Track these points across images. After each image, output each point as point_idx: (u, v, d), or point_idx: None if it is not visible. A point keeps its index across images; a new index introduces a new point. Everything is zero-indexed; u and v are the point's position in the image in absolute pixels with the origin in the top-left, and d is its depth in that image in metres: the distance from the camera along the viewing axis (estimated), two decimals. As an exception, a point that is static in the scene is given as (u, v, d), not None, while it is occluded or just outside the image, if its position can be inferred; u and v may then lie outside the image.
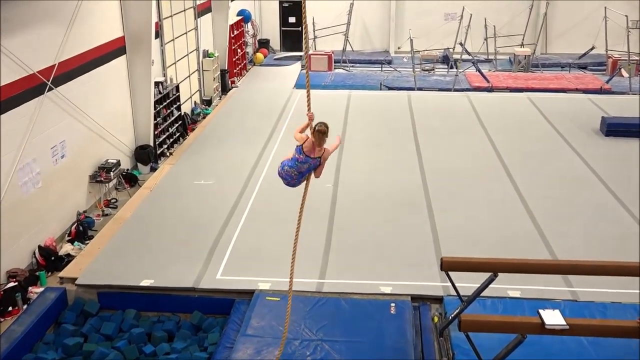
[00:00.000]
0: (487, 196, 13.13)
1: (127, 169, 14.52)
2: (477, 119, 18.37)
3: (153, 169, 15.05)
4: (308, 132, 6.78)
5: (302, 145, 6.68)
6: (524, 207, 12.58)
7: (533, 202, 12.78)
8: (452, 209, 12.48)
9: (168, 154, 16.08)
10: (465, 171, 14.42)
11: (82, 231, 11.81)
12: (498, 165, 14.78)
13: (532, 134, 17.00)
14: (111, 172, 13.15)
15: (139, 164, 15.05)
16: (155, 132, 15.52)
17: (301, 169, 6.73)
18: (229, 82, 22.30)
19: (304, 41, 6.49)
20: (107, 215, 12.78)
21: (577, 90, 21.28)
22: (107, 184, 13.33)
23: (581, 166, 14.77)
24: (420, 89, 21.64)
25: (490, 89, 21.43)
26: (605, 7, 23.98)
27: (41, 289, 9.93)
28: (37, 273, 10.42)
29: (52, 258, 10.84)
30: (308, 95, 6.77)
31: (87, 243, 11.46)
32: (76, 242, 11.53)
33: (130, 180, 14.26)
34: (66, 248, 11.30)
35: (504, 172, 14.36)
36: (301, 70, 24.43)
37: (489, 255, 9.36)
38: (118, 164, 13.55)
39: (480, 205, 12.70)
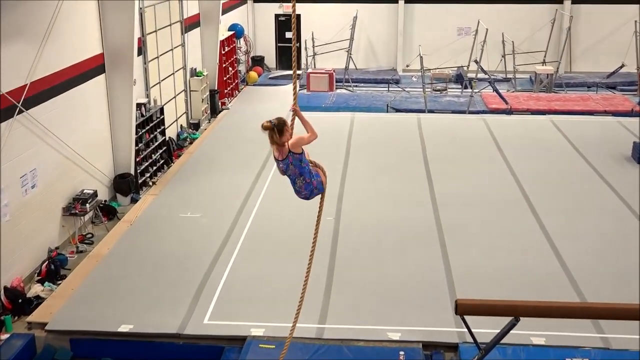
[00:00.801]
0: (507, 230, 13.12)
1: (105, 201, 14.53)
2: (494, 144, 18.44)
3: (134, 200, 15.06)
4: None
5: (274, 157, 6.70)
6: (548, 242, 12.56)
7: (558, 236, 12.76)
8: (468, 244, 12.46)
9: (151, 183, 16.10)
10: (482, 202, 14.43)
11: (53, 270, 11.75)
12: (518, 196, 14.79)
13: (556, 161, 17.04)
14: (87, 204, 13.15)
15: (118, 195, 15.06)
16: (137, 159, 15.56)
17: (294, 172, 6.66)
18: (219, 103, 22.43)
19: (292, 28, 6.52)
20: (81, 252, 12.74)
21: (605, 113, 21.40)
22: (82, 217, 13.32)
23: (611, 197, 14.78)
24: (431, 111, 21.77)
25: (509, 112, 21.55)
26: (635, 21, 24.31)
27: (6, 336, 9.85)
28: (2, 317, 10.35)
29: (20, 300, 10.77)
30: (295, 87, 6.71)
31: (59, 283, 11.39)
32: (47, 283, 11.46)
33: (109, 212, 14.26)
34: (35, 289, 11.23)
35: (525, 204, 14.37)
36: (299, 89, 24.59)
37: (510, 296, 9.31)
38: (95, 194, 13.57)
39: (499, 240, 12.68)
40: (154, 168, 16.63)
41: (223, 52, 22.80)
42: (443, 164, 16.77)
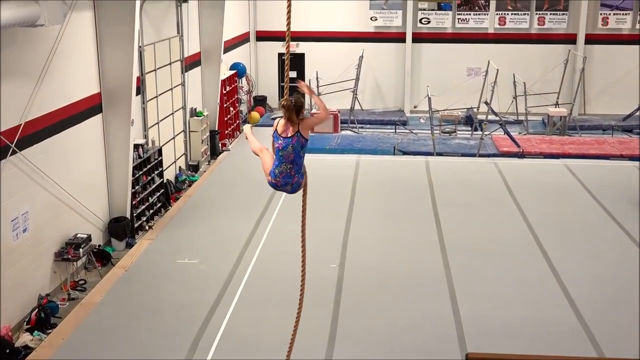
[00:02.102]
0: (519, 277, 13.08)
1: (99, 245, 14.53)
2: (506, 189, 18.47)
3: (129, 245, 15.05)
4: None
5: (275, 130, 6.72)
6: (562, 290, 12.51)
7: (573, 285, 12.71)
8: (479, 294, 12.40)
9: (147, 227, 16.12)
10: (493, 249, 14.40)
11: (43, 318, 11.69)
12: (532, 243, 14.77)
13: (571, 207, 17.06)
14: (80, 249, 13.14)
15: (112, 239, 15.06)
16: (133, 202, 15.61)
17: (289, 156, 6.65)
18: (220, 144, 22.57)
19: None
20: (73, 299, 12.70)
21: (621, 157, 21.47)
22: (75, 263, 13.29)
23: (628, 245, 14.75)
24: (440, 154, 21.87)
25: (521, 155, 21.63)
26: (651, 63, 24.56)
27: (-8, 388, 9.78)
28: (-12, 368, 10.29)
29: (7, 351, 10.70)
30: (287, 75, 6.82)
31: (50, 332, 11.33)
32: (36, 332, 11.40)
33: (102, 258, 14.24)
34: (24, 338, 11.17)
35: (539, 251, 14.34)
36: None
37: (523, 350, 9.25)
38: (88, 239, 13.57)
39: (511, 288, 12.63)
40: (151, 211, 16.66)
41: (224, 92, 23.02)
42: (452, 209, 16.79)
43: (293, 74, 28.68)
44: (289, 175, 6.70)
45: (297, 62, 27.67)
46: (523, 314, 11.68)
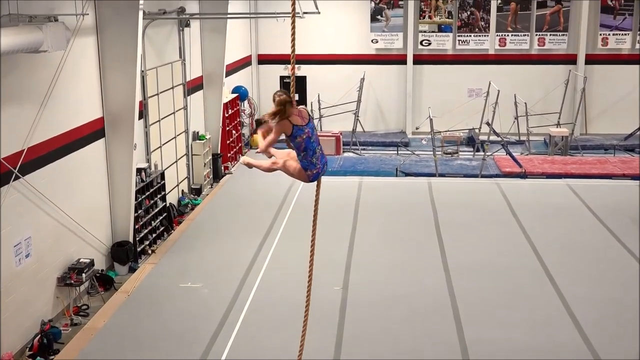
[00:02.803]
0: (525, 300, 12.99)
1: (102, 270, 14.47)
2: (509, 209, 18.41)
3: (132, 270, 15.00)
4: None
5: (294, 126, 6.53)
6: (568, 314, 12.40)
7: (579, 306, 12.62)
8: (483, 317, 12.31)
9: (150, 251, 16.06)
10: (497, 271, 14.32)
11: (46, 344, 11.61)
12: (536, 265, 14.69)
13: (575, 228, 16.99)
14: (83, 274, 13.08)
15: (115, 264, 15.01)
16: (136, 227, 15.57)
17: (317, 138, 6.65)
18: (222, 168, 22.57)
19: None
20: (76, 324, 12.62)
21: (624, 176, 21.43)
22: (77, 288, 13.23)
23: (633, 264, 14.66)
24: (442, 175, 21.85)
25: (523, 175, 21.60)
26: (652, 82, 24.61)
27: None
28: (-10, 395, 10.20)
29: (10, 377, 10.63)
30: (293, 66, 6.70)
31: (52, 359, 11.25)
32: (39, 358, 11.33)
33: (105, 282, 14.18)
34: (26, 365, 11.10)
35: (543, 272, 14.26)
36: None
37: (529, 373, 9.15)
38: (91, 264, 13.52)
39: (517, 311, 12.53)
40: (154, 235, 16.62)
41: (226, 115, 23.06)
42: (456, 231, 16.72)
43: (295, 97, 28.79)
44: (322, 155, 6.73)
45: (299, 85, 27.75)
46: (528, 337, 11.58)
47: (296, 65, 6.31)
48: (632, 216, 17.54)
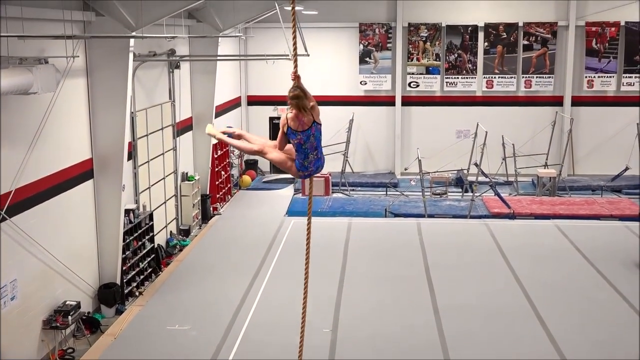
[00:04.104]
0: (514, 342, 12.93)
1: (88, 312, 14.33)
2: (498, 250, 18.42)
3: (119, 312, 14.85)
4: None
5: (288, 127, 6.40)
6: (558, 355, 12.36)
7: (569, 349, 12.56)
8: (473, 357, 12.23)
9: (137, 293, 15.93)
10: (487, 312, 14.27)
11: (30, 388, 11.45)
12: (525, 305, 14.65)
13: (563, 268, 16.99)
14: (69, 316, 12.94)
15: (102, 306, 14.86)
16: (124, 268, 15.46)
17: (312, 145, 6.45)
18: (211, 208, 22.53)
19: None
20: (61, 368, 12.46)
21: (612, 217, 21.54)
22: (63, 331, 13.07)
23: (622, 305, 14.65)
24: (431, 215, 21.88)
25: (512, 216, 21.67)
26: (637, 124, 24.86)
27: None
28: None
29: (-8, 422, 10.43)
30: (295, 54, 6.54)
31: (36, 403, 11.08)
32: (22, 402, 11.15)
33: (92, 325, 14.02)
34: (10, 410, 10.90)
35: (533, 313, 14.21)
36: (294, 194, 24.79)
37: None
38: (78, 306, 13.38)
39: (507, 353, 12.46)
40: (141, 277, 16.50)
41: (216, 156, 23.10)
42: (445, 271, 16.69)
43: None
44: (317, 159, 6.58)
45: (288, 125, 27.77)
46: (519, 379, 11.51)
47: (280, 107, 6.32)
48: (623, 258, 17.57)
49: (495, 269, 17.01)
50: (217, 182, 23.27)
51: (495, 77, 27.69)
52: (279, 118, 28.86)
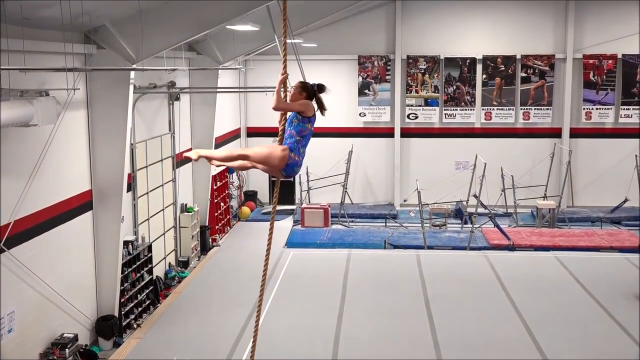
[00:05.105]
0: (515, 376, 12.85)
1: (86, 345, 14.24)
2: (498, 282, 18.37)
3: (117, 345, 14.77)
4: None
5: (299, 118, 6.34)
6: (560, 389, 12.28)
7: (570, 383, 12.49)
8: (474, 392, 12.16)
9: (135, 325, 15.85)
10: (487, 344, 14.20)
11: (26, 422, 11.34)
12: (525, 337, 14.58)
13: (563, 300, 16.94)
14: (66, 349, 12.88)
15: (100, 339, 14.78)
16: (122, 300, 15.41)
17: (309, 136, 6.45)
18: (210, 240, 22.51)
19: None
20: (58, 401, 12.36)
21: (611, 249, 21.51)
22: (60, 363, 13.00)
23: (623, 338, 14.58)
24: (430, 247, 21.85)
25: (511, 248, 21.64)
26: (636, 155, 24.94)
27: None
28: None
29: None
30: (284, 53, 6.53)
31: None
32: None
33: (89, 358, 13.91)
34: None
35: (533, 345, 14.15)
36: (293, 225, 24.78)
37: None
38: (75, 338, 13.32)
39: (507, 387, 12.39)
40: (140, 309, 16.43)
41: (215, 187, 23.15)
42: (445, 304, 16.63)
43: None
44: (302, 156, 6.50)
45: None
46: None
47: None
48: (623, 290, 17.52)
49: (495, 300, 16.95)
50: (216, 214, 23.28)
51: (493, 109, 27.84)
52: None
